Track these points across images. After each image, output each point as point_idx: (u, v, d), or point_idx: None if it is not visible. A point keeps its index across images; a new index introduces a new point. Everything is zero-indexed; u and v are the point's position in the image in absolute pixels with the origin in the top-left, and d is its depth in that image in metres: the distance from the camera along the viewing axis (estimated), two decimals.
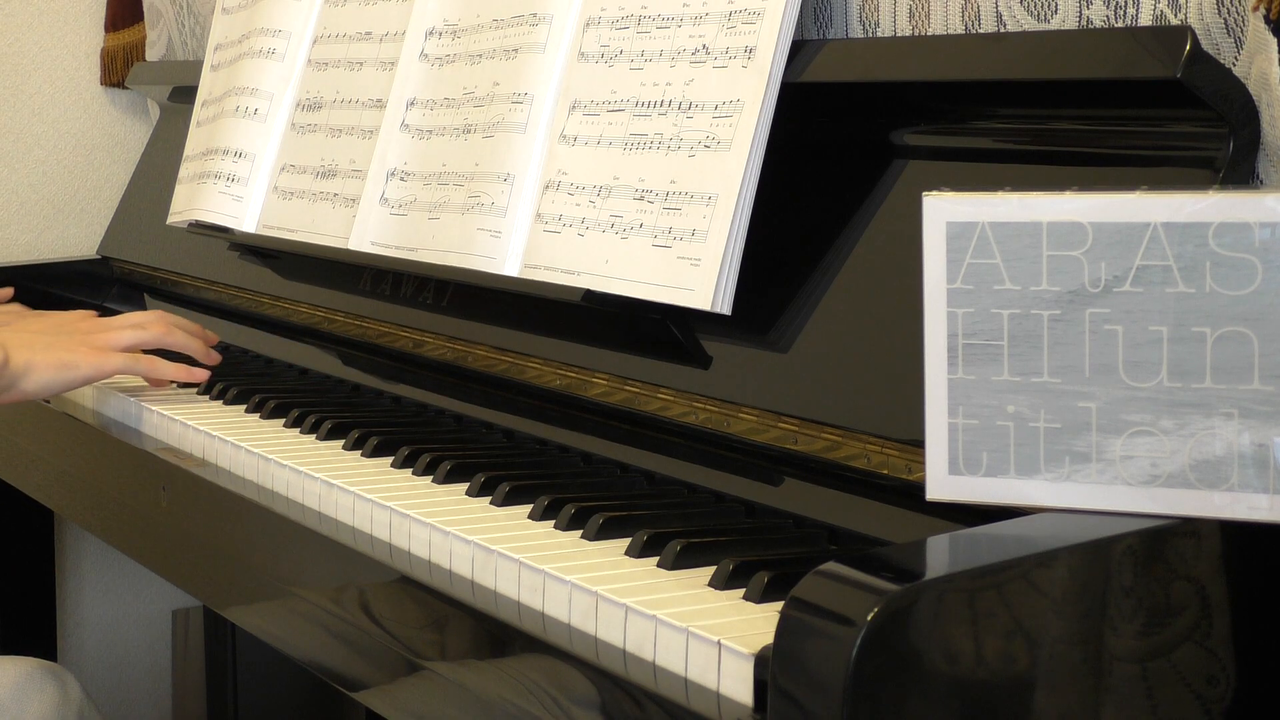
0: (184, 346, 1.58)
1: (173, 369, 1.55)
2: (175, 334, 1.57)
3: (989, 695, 0.80)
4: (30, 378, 1.45)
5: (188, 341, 1.58)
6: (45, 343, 1.48)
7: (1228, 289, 0.86)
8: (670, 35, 1.28)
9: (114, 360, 1.50)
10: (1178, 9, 1.03)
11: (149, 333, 1.55)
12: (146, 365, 1.54)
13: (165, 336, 1.56)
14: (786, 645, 0.77)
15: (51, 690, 1.45)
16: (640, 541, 1.03)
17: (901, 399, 1.05)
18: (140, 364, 1.53)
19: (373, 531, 1.17)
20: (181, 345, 1.58)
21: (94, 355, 1.49)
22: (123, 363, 1.51)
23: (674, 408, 1.23)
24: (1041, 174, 1.08)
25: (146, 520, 1.50)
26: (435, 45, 1.54)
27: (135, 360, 1.52)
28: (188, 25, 2.29)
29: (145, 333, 1.55)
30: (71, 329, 1.54)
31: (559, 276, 1.30)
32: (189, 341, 1.58)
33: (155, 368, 1.54)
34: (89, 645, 2.43)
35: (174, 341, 1.57)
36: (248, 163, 1.78)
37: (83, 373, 1.48)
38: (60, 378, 1.47)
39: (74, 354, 1.48)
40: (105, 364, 1.49)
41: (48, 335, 1.50)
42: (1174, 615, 0.87)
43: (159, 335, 1.56)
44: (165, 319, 1.58)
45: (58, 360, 1.46)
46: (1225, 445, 0.86)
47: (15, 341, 1.46)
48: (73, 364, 1.47)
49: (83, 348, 1.49)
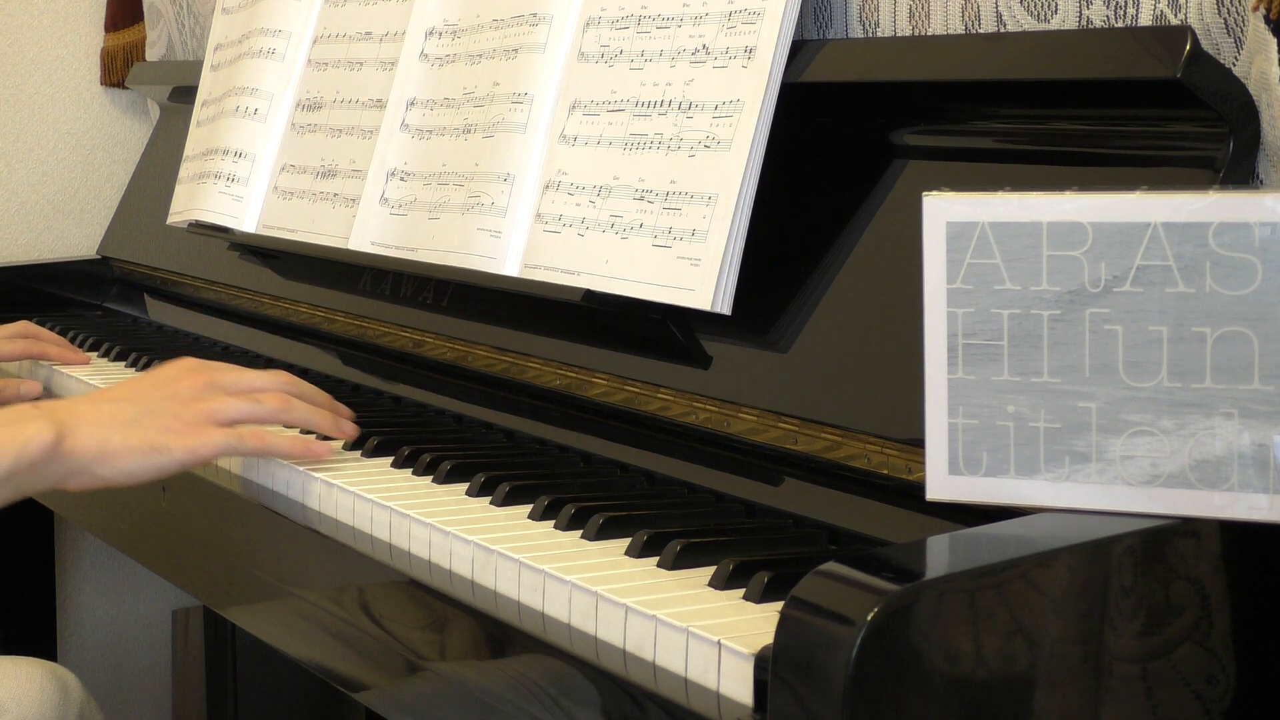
0: (305, 423, 1.31)
1: (288, 444, 1.27)
2: (295, 410, 1.30)
3: (989, 695, 0.80)
4: (109, 464, 1.19)
5: (309, 417, 1.31)
6: (130, 417, 1.22)
7: (1228, 289, 0.86)
8: (670, 35, 1.28)
9: (213, 441, 1.23)
10: (1178, 9, 1.03)
11: (264, 408, 1.28)
12: (254, 443, 1.26)
13: (282, 413, 1.29)
14: (786, 645, 0.77)
15: (52, 690, 1.45)
16: (640, 541, 1.03)
17: (901, 399, 1.05)
18: (246, 443, 1.26)
19: (372, 531, 1.17)
20: (302, 422, 1.31)
21: (189, 436, 1.22)
22: (224, 443, 1.24)
23: (674, 408, 1.23)
24: (1041, 174, 1.08)
25: (146, 520, 1.50)
26: (435, 45, 1.54)
27: (238, 439, 1.25)
28: (188, 25, 2.29)
29: (259, 408, 1.27)
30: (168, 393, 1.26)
31: (559, 276, 1.30)
32: (311, 416, 1.31)
33: (265, 444, 1.27)
34: (89, 645, 2.43)
35: (294, 418, 1.30)
36: (248, 163, 1.78)
37: (176, 458, 1.22)
38: (148, 464, 1.20)
39: (165, 435, 1.21)
40: (202, 448, 1.22)
41: (135, 406, 1.23)
42: (1174, 615, 0.87)
43: (275, 412, 1.29)
44: (285, 390, 1.31)
45: (145, 443, 1.20)
46: (1225, 445, 0.86)
47: (88, 416, 1.21)
48: (162, 448, 1.21)
49: (177, 424, 1.23)
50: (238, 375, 1.30)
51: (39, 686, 1.44)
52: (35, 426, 1.17)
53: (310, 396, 1.32)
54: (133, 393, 1.26)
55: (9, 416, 1.19)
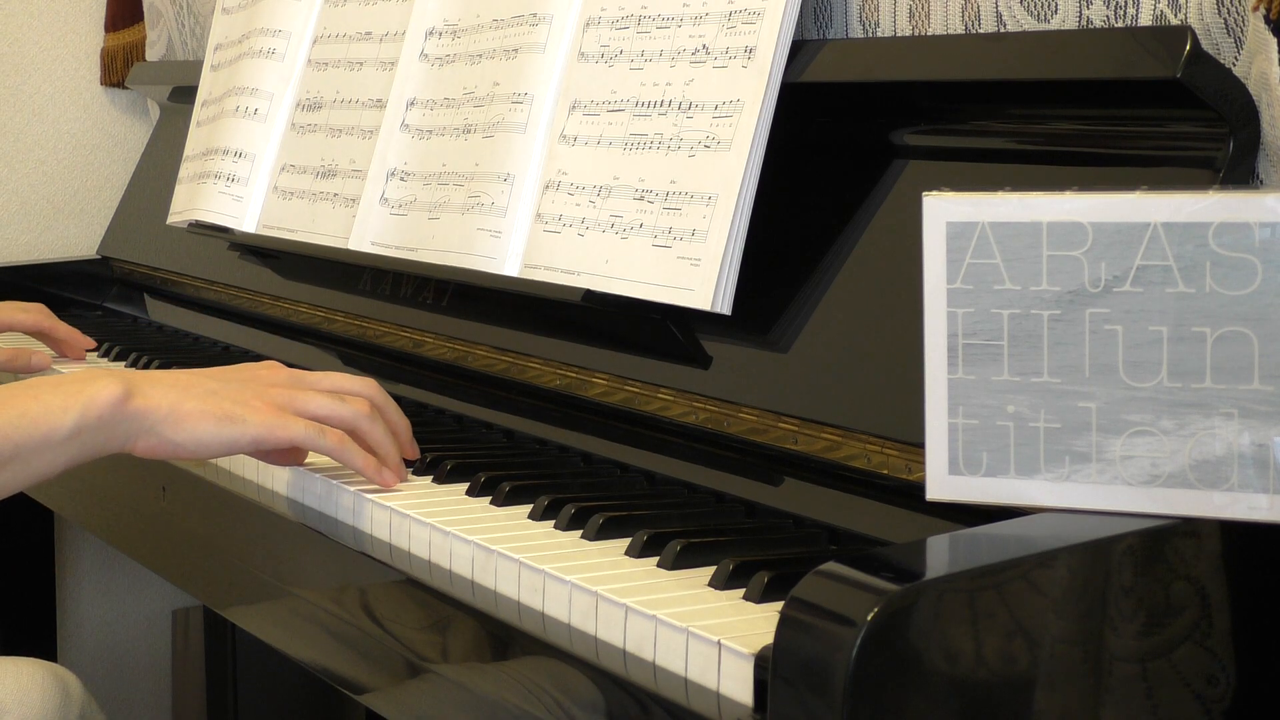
0: (378, 444, 1.21)
1: (363, 460, 1.20)
2: (375, 427, 1.21)
3: (989, 695, 0.80)
4: (181, 427, 1.13)
5: (382, 443, 1.21)
6: (208, 389, 1.16)
7: (1228, 289, 0.86)
8: (670, 35, 1.28)
9: (292, 428, 1.16)
10: (1178, 9, 1.03)
11: (346, 410, 1.20)
12: (334, 442, 1.18)
13: (361, 420, 1.20)
14: (787, 645, 0.77)
15: (54, 691, 1.45)
16: (640, 541, 1.03)
17: (901, 399, 1.05)
18: (327, 439, 1.18)
19: (372, 531, 1.17)
20: (376, 442, 1.21)
21: (268, 414, 1.16)
22: (303, 432, 1.17)
23: (674, 408, 1.23)
24: (1041, 174, 1.08)
25: (146, 520, 1.50)
26: (435, 45, 1.54)
27: (321, 433, 1.18)
28: (188, 25, 2.29)
29: (342, 409, 1.20)
30: (247, 378, 1.21)
31: (559, 276, 1.30)
32: (383, 444, 1.22)
33: (345, 450, 1.19)
34: (89, 645, 2.43)
35: (369, 432, 1.21)
36: (248, 163, 1.78)
37: (251, 432, 1.15)
38: (221, 433, 1.14)
39: (244, 407, 1.16)
40: (280, 430, 1.16)
41: (215, 381, 1.18)
42: (1174, 615, 0.87)
43: (355, 417, 1.20)
44: (372, 399, 1.23)
45: (220, 411, 1.15)
46: (1225, 445, 0.86)
47: (160, 379, 1.16)
48: (238, 418, 1.15)
49: (257, 401, 1.17)
50: (324, 375, 1.25)
51: (40, 687, 1.44)
52: (103, 382, 1.13)
53: (390, 413, 1.25)
54: (215, 373, 1.22)
55: (78, 374, 1.15)
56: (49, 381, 1.14)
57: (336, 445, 1.19)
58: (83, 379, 1.14)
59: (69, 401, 1.11)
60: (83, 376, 1.14)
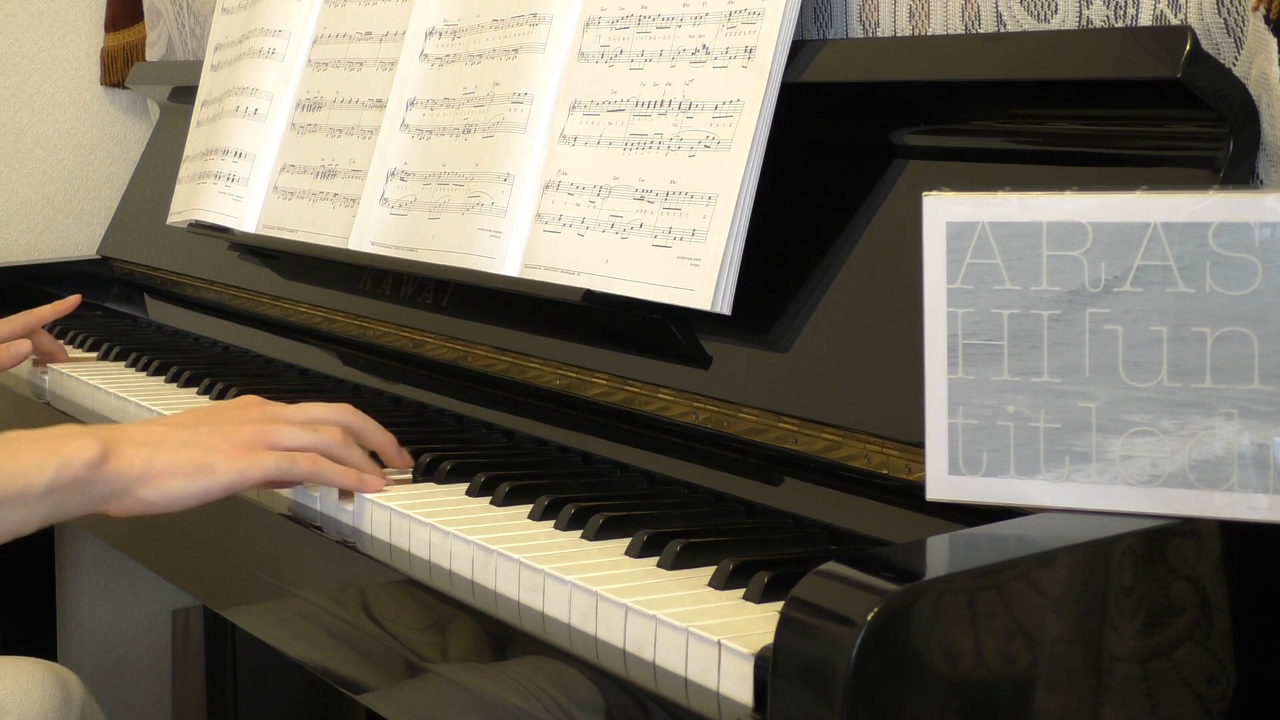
0: (357, 465, 1.22)
1: (342, 475, 1.20)
2: (350, 452, 1.22)
3: (989, 695, 0.80)
4: (153, 485, 1.13)
5: (360, 463, 1.22)
6: (180, 440, 1.16)
7: (1228, 289, 0.86)
8: (670, 35, 1.28)
9: (262, 464, 1.16)
10: (1178, 9, 1.03)
11: (318, 439, 1.20)
12: (307, 468, 1.18)
13: (336, 448, 1.21)
14: (786, 645, 0.77)
15: (54, 690, 1.45)
16: (640, 541, 1.03)
17: (901, 399, 1.05)
18: (298, 467, 1.18)
19: (372, 532, 1.17)
20: (355, 463, 1.22)
21: (237, 458, 1.16)
22: (274, 466, 1.17)
23: (674, 408, 1.23)
24: (1041, 174, 1.08)
25: (146, 520, 1.50)
26: (435, 45, 1.54)
27: (292, 462, 1.18)
28: (188, 25, 2.29)
29: (314, 438, 1.20)
30: (220, 419, 1.21)
31: (559, 276, 1.30)
32: (361, 464, 1.23)
33: (319, 470, 1.19)
34: (89, 645, 2.43)
35: (345, 457, 1.21)
36: (248, 163, 1.78)
37: (221, 480, 1.15)
38: (192, 488, 1.14)
39: (212, 454, 1.15)
40: (250, 470, 1.16)
41: (186, 430, 1.18)
42: (1174, 615, 0.87)
43: (329, 445, 1.20)
44: (347, 425, 1.24)
45: (191, 464, 1.14)
46: (1225, 445, 0.86)
47: (134, 436, 1.15)
48: (208, 468, 1.14)
49: (225, 445, 1.17)
50: (297, 408, 1.24)
51: (41, 687, 1.44)
52: (79, 442, 1.12)
53: (369, 433, 1.26)
54: (187, 419, 1.22)
55: (54, 432, 1.14)
56: (27, 436, 1.13)
57: (310, 470, 1.19)
58: (60, 436, 1.13)
59: (44, 459, 1.10)
60: (60, 434, 1.14)
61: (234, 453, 1.16)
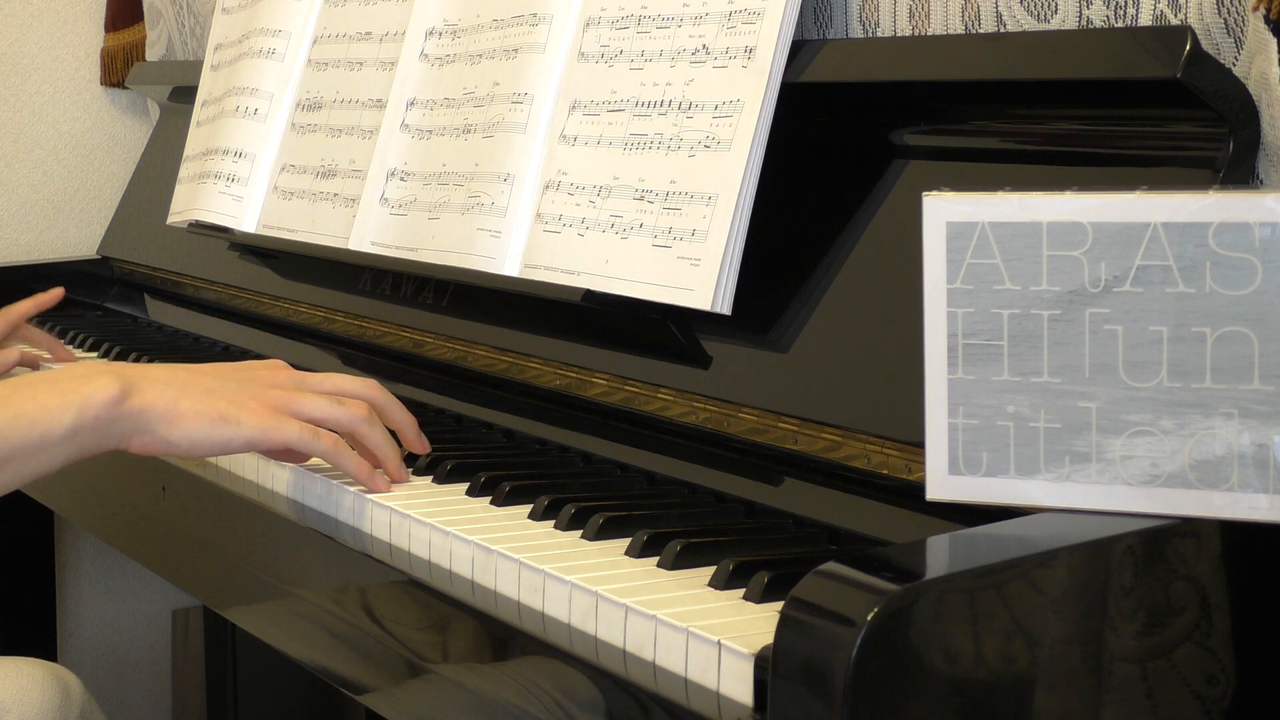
0: (377, 447, 1.21)
1: (355, 465, 1.19)
2: (374, 431, 1.21)
3: (989, 695, 0.80)
4: (176, 426, 1.13)
5: (382, 444, 1.21)
6: (206, 387, 1.16)
7: (1228, 289, 0.86)
8: (670, 35, 1.28)
9: (286, 430, 1.16)
10: (1178, 9, 1.03)
11: (344, 413, 1.19)
12: (328, 446, 1.18)
13: (360, 424, 1.20)
14: (786, 645, 0.77)
15: (54, 691, 1.45)
16: (640, 541, 1.03)
17: (901, 399, 1.06)
18: (321, 442, 1.17)
19: (372, 531, 1.17)
20: (375, 445, 1.21)
21: (263, 417, 1.15)
22: (297, 435, 1.16)
23: (674, 408, 1.23)
24: (1041, 174, 1.08)
25: (146, 520, 1.50)
26: (435, 45, 1.54)
27: (315, 437, 1.17)
28: (188, 25, 2.29)
29: (340, 412, 1.19)
30: (247, 377, 1.20)
31: (559, 276, 1.30)
32: (383, 445, 1.21)
33: (338, 455, 1.18)
34: (89, 645, 2.43)
35: (368, 435, 1.20)
36: (248, 163, 1.78)
37: (244, 434, 1.15)
38: (215, 434, 1.14)
39: (240, 409, 1.15)
40: (274, 432, 1.15)
41: (212, 380, 1.18)
42: (1174, 615, 0.87)
43: (353, 420, 1.20)
44: (372, 401, 1.22)
45: (216, 412, 1.14)
46: (1225, 445, 0.86)
47: (159, 377, 1.15)
48: (233, 419, 1.14)
49: (254, 402, 1.16)
50: (325, 377, 1.24)
51: (40, 687, 1.44)
52: (101, 381, 1.12)
53: (393, 411, 1.24)
54: (213, 371, 1.21)
55: (75, 370, 1.14)
56: (46, 378, 1.13)
57: (330, 449, 1.18)
58: (80, 376, 1.13)
59: (66, 401, 1.10)
60: (79, 373, 1.13)
61: (261, 410, 1.16)
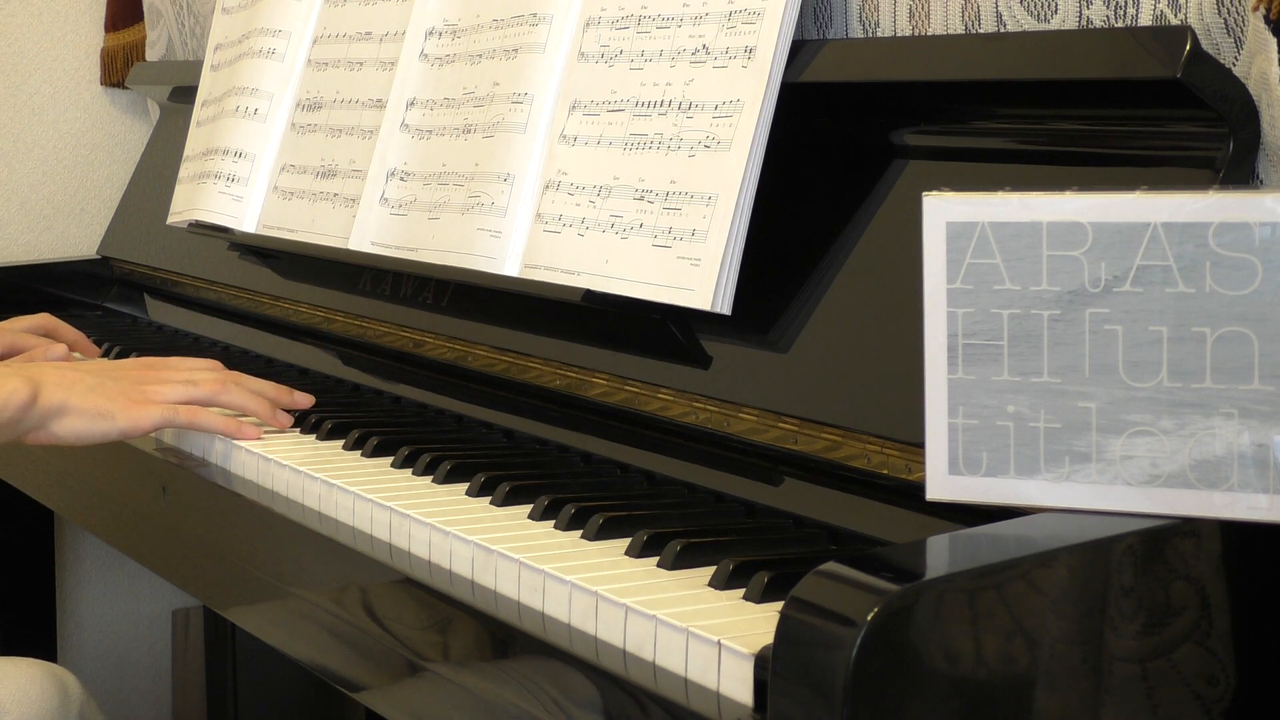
0: (242, 408, 1.41)
1: (219, 423, 1.38)
2: (231, 392, 1.40)
3: (989, 695, 0.80)
4: (63, 421, 1.32)
5: (247, 402, 1.41)
6: (88, 385, 1.34)
7: (1228, 289, 0.86)
8: (670, 35, 1.28)
9: (151, 414, 1.35)
10: (1178, 9, 1.03)
11: (200, 390, 1.39)
12: (186, 417, 1.37)
13: (219, 395, 1.39)
14: (787, 645, 0.77)
15: (52, 691, 1.45)
16: (640, 541, 1.03)
17: (901, 399, 1.05)
18: (179, 416, 1.36)
19: (373, 532, 1.17)
20: (239, 406, 1.41)
21: (132, 408, 1.34)
22: (160, 417, 1.35)
23: (674, 408, 1.23)
24: (1041, 174, 1.08)
25: (146, 520, 1.50)
26: (435, 45, 1.54)
27: (174, 413, 1.36)
28: (188, 25, 2.29)
29: (195, 390, 1.39)
30: (121, 375, 1.39)
31: (559, 276, 1.30)
32: (249, 402, 1.41)
33: (195, 419, 1.37)
34: (89, 645, 2.43)
35: (230, 401, 1.40)
36: (248, 163, 1.78)
37: (118, 425, 1.34)
38: (94, 428, 1.33)
39: (113, 403, 1.34)
40: (142, 419, 1.35)
41: (93, 378, 1.36)
42: (1174, 615, 0.87)
43: (211, 394, 1.39)
44: (221, 374, 1.42)
45: (94, 408, 1.33)
46: (1225, 445, 0.86)
47: (53, 379, 1.33)
48: (109, 414, 1.33)
49: (122, 398, 1.35)
50: (178, 361, 1.45)
51: (39, 687, 1.44)
52: (14, 384, 1.30)
53: (248, 384, 1.42)
54: (91, 368, 1.40)
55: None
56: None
57: (189, 420, 1.37)
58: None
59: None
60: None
61: (129, 404, 1.35)
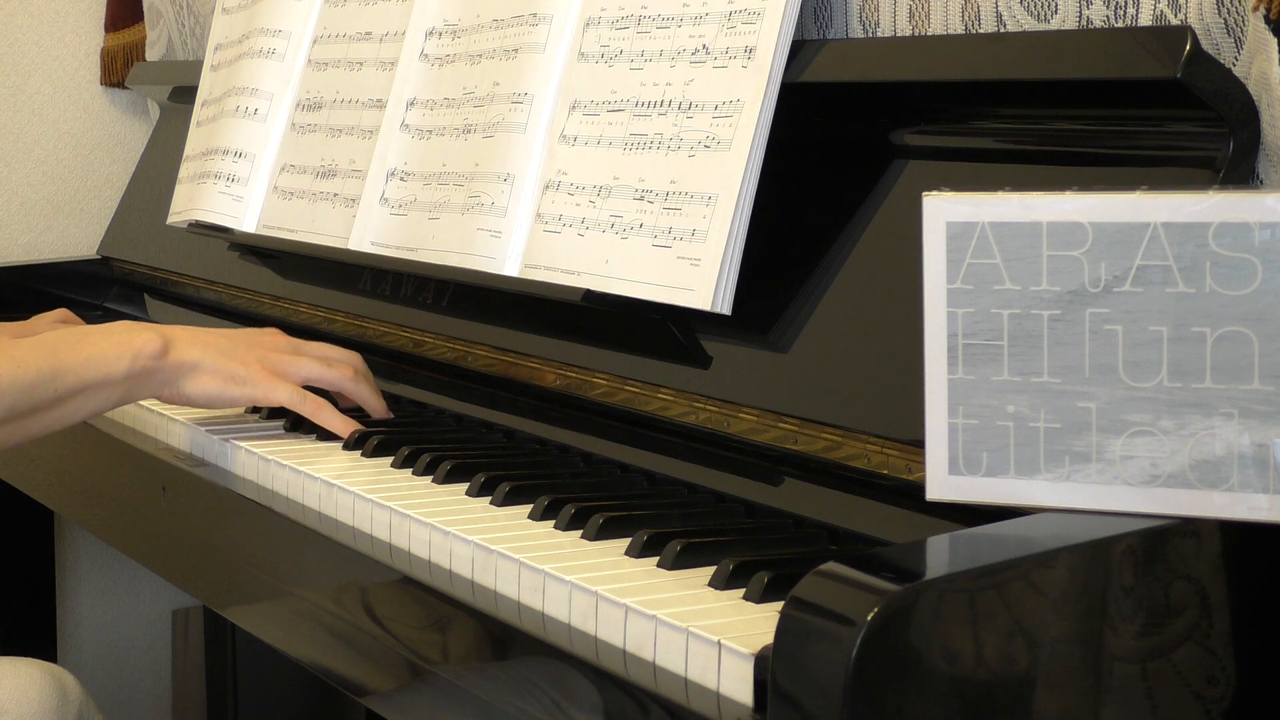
0: (363, 401, 1.43)
1: (339, 421, 1.38)
2: (361, 386, 1.43)
3: (989, 695, 0.80)
4: (195, 380, 1.34)
5: (370, 398, 1.43)
6: (221, 348, 1.36)
7: (1228, 289, 0.86)
8: (670, 35, 1.28)
9: (282, 391, 1.37)
10: (1178, 9, 1.03)
11: (332, 374, 1.41)
12: (313, 407, 1.38)
13: (347, 383, 1.42)
14: (786, 645, 0.77)
15: (51, 691, 1.45)
16: (640, 541, 1.03)
17: (901, 399, 1.06)
18: (307, 404, 1.38)
19: (373, 531, 1.17)
20: (362, 399, 1.43)
21: (264, 380, 1.36)
22: (288, 397, 1.37)
23: (674, 408, 1.23)
24: (1041, 174, 1.08)
25: (146, 520, 1.50)
26: (435, 45, 1.54)
27: (301, 399, 1.37)
28: (188, 25, 2.29)
29: (329, 372, 1.41)
30: (253, 342, 1.40)
31: (559, 276, 1.30)
32: (372, 399, 1.43)
33: (320, 413, 1.38)
34: (89, 645, 2.43)
35: (355, 391, 1.42)
36: (248, 163, 1.78)
37: (250, 392, 1.36)
38: (228, 391, 1.35)
39: (249, 369, 1.36)
40: (275, 391, 1.36)
41: (227, 341, 1.38)
42: (1174, 615, 0.87)
43: (341, 380, 1.41)
44: (356, 364, 1.44)
45: (229, 372, 1.35)
46: (1225, 445, 0.86)
47: (186, 337, 1.34)
48: (245, 380, 1.35)
49: (258, 366, 1.37)
50: (317, 345, 1.45)
51: (38, 687, 1.44)
52: (146, 335, 1.32)
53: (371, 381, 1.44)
54: (227, 334, 1.41)
55: (119, 326, 1.35)
56: (98, 331, 1.33)
57: (314, 409, 1.38)
58: (127, 330, 1.33)
59: (121, 350, 1.30)
60: (125, 328, 1.34)
61: (263, 374, 1.37)
